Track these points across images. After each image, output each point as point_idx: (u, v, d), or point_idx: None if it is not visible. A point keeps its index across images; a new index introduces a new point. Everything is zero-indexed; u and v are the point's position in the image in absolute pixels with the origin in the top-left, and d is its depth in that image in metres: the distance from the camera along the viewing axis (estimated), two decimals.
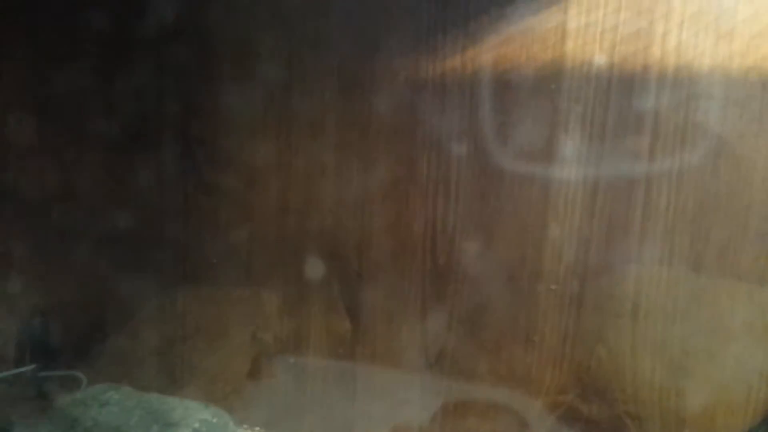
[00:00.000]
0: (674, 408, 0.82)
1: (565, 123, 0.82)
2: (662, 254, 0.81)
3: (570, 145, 0.82)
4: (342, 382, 0.93)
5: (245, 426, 0.96)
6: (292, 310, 0.95)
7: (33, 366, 0.96)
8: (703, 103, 0.77)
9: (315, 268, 0.93)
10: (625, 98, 0.79)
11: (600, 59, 0.80)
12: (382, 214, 0.90)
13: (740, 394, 0.80)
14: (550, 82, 0.81)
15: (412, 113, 0.87)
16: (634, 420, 0.83)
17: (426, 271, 0.89)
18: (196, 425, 0.81)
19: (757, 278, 0.78)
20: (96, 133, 0.98)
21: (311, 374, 0.95)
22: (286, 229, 0.94)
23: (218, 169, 0.95)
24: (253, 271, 0.96)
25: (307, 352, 0.95)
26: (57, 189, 1.00)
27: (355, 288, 0.92)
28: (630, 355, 0.83)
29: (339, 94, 0.89)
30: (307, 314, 0.94)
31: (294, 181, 0.93)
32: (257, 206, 0.95)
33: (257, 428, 0.96)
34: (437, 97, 0.86)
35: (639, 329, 0.82)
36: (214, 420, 0.84)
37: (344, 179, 0.91)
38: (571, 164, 0.82)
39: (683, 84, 0.77)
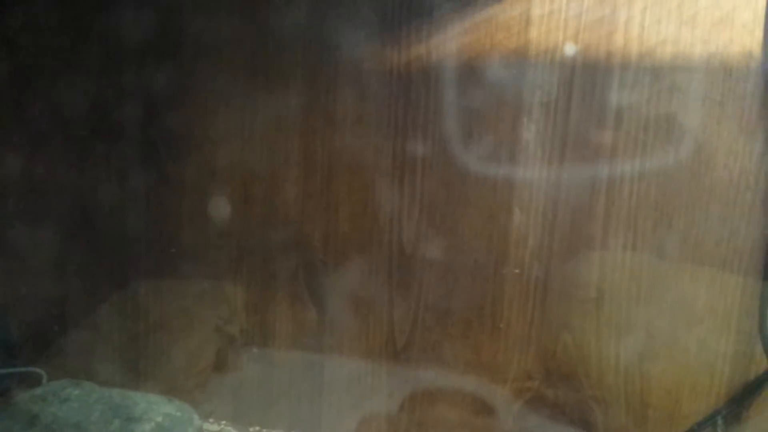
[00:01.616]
0: (639, 391, 0.83)
1: (529, 111, 0.82)
2: (626, 240, 0.82)
3: (534, 133, 0.82)
4: (309, 373, 0.93)
5: (211, 420, 0.95)
6: (257, 302, 0.94)
7: None
8: (666, 89, 0.78)
9: (280, 259, 0.92)
10: (588, 85, 0.80)
11: (564, 47, 0.80)
12: (347, 203, 0.89)
13: (704, 376, 0.81)
14: (515, 69, 0.81)
15: (377, 102, 0.86)
16: (600, 404, 0.84)
17: (392, 260, 0.89)
18: (159, 419, 0.80)
19: (720, 262, 0.79)
20: (54, 123, 0.96)
21: (278, 365, 0.94)
22: (250, 220, 0.93)
23: (180, 161, 0.94)
24: (217, 263, 0.95)
25: (273, 343, 0.94)
26: (15, 182, 0.97)
27: (321, 278, 0.91)
28: (595, 340, 0.84)
29: (303, 83, 0.88)
30: (273, 305, 0.93)
31: (257, 171, 0.91)
32: (220, 198, 0.93)
33: (223, 422, 0.95)
34: (402, 86, 0.85)
35: (603, 314, 0.83)
36: (178, 414, 0.83)
37: (309, 169, 0.90)
38: (536, 151, 0.82)
39: (646, 71, 0.78)
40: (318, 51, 0.87)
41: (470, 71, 0.83)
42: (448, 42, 0.83)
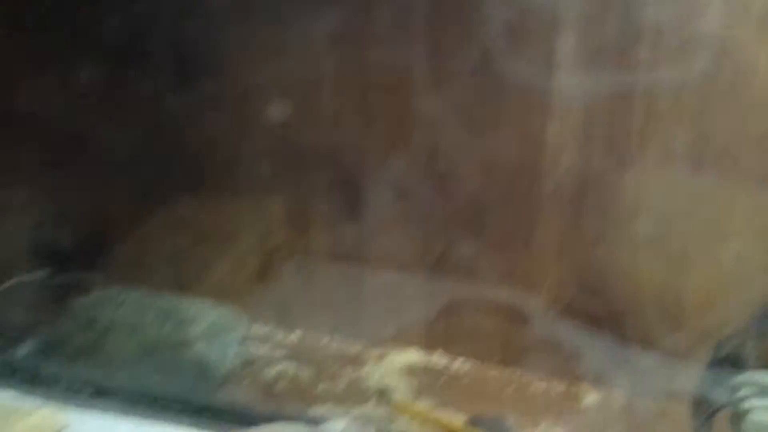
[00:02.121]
0: (673, 302, 0.84)
1: (566, 22, 0.80)
2: (663, 156, 0.81)
3: (570, 47, 0.81)
4: (349, 282, 0.96)
5: (258, 323, 0.99)
6: (297, 214, 0.96)
7: (47, 271, 0.98)
8: (704, 5, 0.76)
9: (317, 172, 0.94)
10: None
11: None
12: (381, 118, 0.90)
13: (739, 288, 0.82)
14: None
15: (412, 14, 0.84)
16: (634, 315, 0.86)
17: (427, 173, 0.89)
18: (210, 321, 0.84)
19: (758, 178, 0.79)
20: (89, 46, 0.96)
21: (319, 274, 0.97)
22: (287, 135, 0.94)
23: (215, 76, 0.94)
24: (256, 179, 0.96)
25: (313, 254, 0.96)
26: (57, 101, 0.99)
27: (357, 190, 0.93)
28: (630, 253, 0.84)
29: None
30: (312, 217, 0.95)
31: (293, 86, 0.91)
32: (254, 113, 0.94)
33: (269, 325, 0.99)
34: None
35: (639, 227, 0.84)
36: (227, 317, 0.86)
37: (342, 84, 0.90)
38: (571, 66, 0.81)
39: None
40: None
41: None
42: None
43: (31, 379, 0.81)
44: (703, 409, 0.78)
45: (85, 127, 0.98)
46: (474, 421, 0.80)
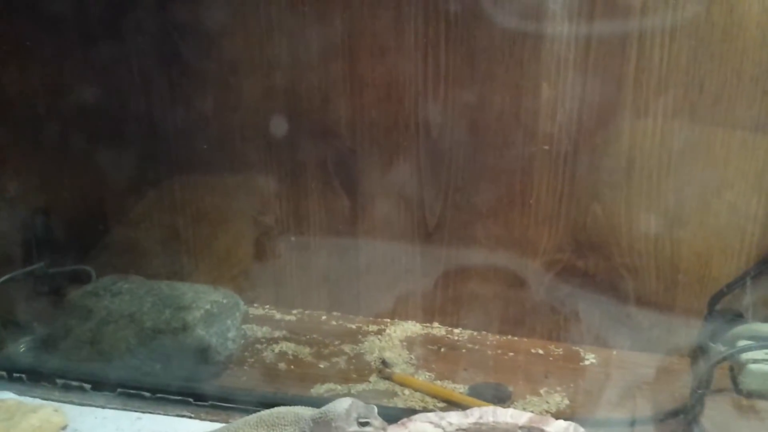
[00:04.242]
0: (669, 257, 0.84)
1: None
2: (656, 106, 0.80)
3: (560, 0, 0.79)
4: (345, 257, 0.95)
5: (255, 305, 0.99)
6: (289, 192, 0.95)
7: (41, 264, 0.98)
8: None
9: (308, 148, 0.93)
10: None
11: None
12: (372, 87, 0.88)
13: (734, 239, 0.82)
14: None
15: None
16: (631, 271, 0.86)
17: (420, 142, 0.89)
18: (208, 306, 0.84)
19: (752, 124, 0.78)
20: (72, 26, 0.95)
21: (315, 252, 0.97)
22: (276, 111, 0.92)
23: (201, 55, 0.93)
24: (247, 156, 0.95)
25: (308, 231, 0.96)
26: (43, 87, 0.98)
27: (350, 164, 0.92)
28: (625, 209, 0.84)
29: None
30: (305, 194, 0.95)
31: (279, 60, 0.90)
32: (244, 90, 0.93)
33: (267, 306, 0.99)
34: None
35: (633, 183, 0.83)
36: (225, 300, 0.86)
37: (330, 56, 0.88)
38: (563, 20, 0.80)
39: None
40: None
41: None
42: None
43: (30, 375, 0.82)
44: (704, 362, 0.79)
45: (72, 116, 0.97)
46: (475, 390, 0.81)
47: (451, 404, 0.78)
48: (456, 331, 0.94)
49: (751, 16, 0.75)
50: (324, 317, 0.98)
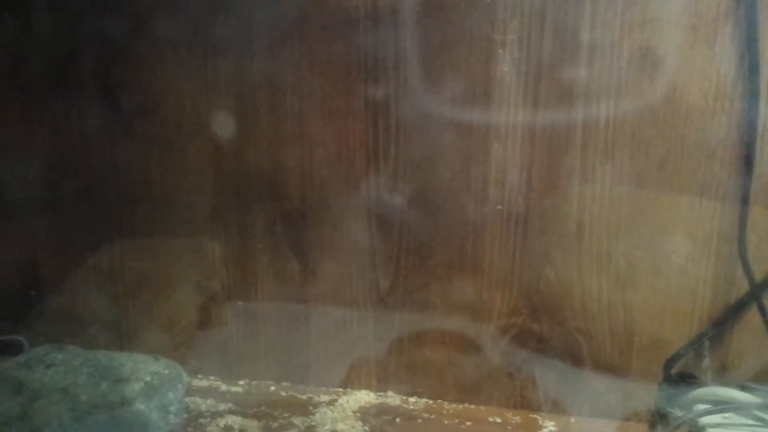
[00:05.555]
0: (623, 320, 0.84)
1: (501, 45, 0.80)
2: (604, 171, 0.81)
3: (509, 67, 0.80)
4: (294, 324, 0.93)
5: (200, 376, 0.95)
6: (236, 255, 0.93)
7: None
8: (639, 18, 0.77)
9: (255, 210, 0.91)
10: (560, 14, 0.78)
11: None
12: (322, 149, 0.88)
13: (686, 302, 0.82)
14: (483, 3, 0.79)
15: (345, 42, 0.84)
16: (585, 335, 0.85)
17: (370, 204, 0.88)
18: (148, 378, 0.80)
19: (698, 188, 0.80)
20: (12, 80, 0.92)
21: (262, 319, 0.94)
22: (223, 172, 0.91)
23: (145, 115, 0.91)
24: (192, 218, 0.93)
25: (256, 296, 0.93)
26: None
27: (299, 227, 0.90)
28: (577, 273, 0.84)
29: (267, 25, 0.85)
30: (253, 258, 0.92)
31: (226, 122, 0.89)
32: (190, 151, 0.91)
33: (212, 377, 0.95)
34: (370, 24, 0.83)
35: (584, 247, 0.83)
36: (166, 372, 0.82)
37: (279, 115, 0.88)
38: (510, 87, 0.81)
39: None
40: None
41: (439, 7, 0.81)
42: None
43: None
44: (662, 427, 0.78)
45: (4, 177, 0.94)
46: None
47: None
48: (411, 399, 0.91)
49: (693, 83, 0.77)
50: (273, 388, 0.94)
